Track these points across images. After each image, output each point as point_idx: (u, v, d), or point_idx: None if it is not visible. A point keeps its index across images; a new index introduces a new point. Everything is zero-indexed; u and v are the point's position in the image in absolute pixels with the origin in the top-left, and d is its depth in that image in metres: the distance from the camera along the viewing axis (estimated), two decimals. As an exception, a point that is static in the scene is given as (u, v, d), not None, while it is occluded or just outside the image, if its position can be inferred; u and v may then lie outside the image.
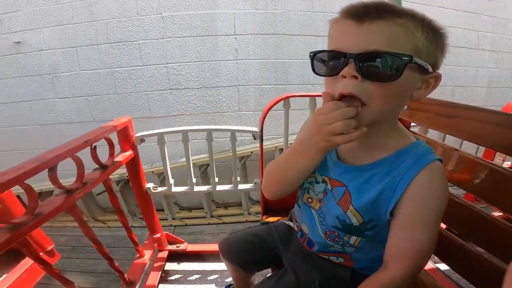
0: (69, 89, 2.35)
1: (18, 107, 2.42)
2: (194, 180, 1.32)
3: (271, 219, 1.12)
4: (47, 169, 0.74)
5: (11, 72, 2.34)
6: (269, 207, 1.25)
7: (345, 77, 0.46)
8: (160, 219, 1.40)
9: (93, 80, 2.31)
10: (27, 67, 2.32)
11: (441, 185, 0.51)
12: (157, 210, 1.41)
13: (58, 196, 0.81)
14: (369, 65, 0.44)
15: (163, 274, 1.35)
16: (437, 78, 0.50)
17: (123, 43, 2.21)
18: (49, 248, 1.34)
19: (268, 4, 2.20)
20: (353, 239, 0.59)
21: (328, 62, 0.50)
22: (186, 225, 2.27)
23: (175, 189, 1.34)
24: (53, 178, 0.77)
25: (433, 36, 0.47)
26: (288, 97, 1.25)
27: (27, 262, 1.20)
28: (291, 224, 0.79)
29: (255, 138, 1.21)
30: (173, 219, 2.36)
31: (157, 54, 2.23)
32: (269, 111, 1.18)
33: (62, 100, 2.38)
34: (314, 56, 0.51)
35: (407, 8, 0.48)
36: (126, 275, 1.10)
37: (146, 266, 1.25)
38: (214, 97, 2.33)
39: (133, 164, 1.22)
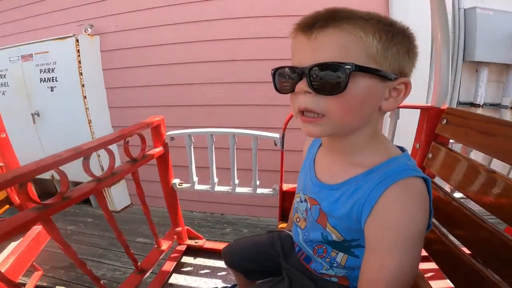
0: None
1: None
2: (215, 180, 1.36)
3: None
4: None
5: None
6: (285, 214, 1.23)
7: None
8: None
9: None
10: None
11: (413, 206, 0.43)
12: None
13: (89, 183, 0.91)
14: (319, 78, 0.41)
15: (177, 266, 1.41)
16: (407, 85, 0.45)
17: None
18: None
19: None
20: (340, 256, 0.55)
21: (287, 79, 0.48)
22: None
23: (198, 187, 1.40)
24: (86, 166, 0.87)
25: (391, 39, 0.42)
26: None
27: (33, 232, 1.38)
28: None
29: (276, 144, 1.19)
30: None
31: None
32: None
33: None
34: (274, 73, 0.50)
35: (362, 11, 0.43)
36: (139, 263, 1.19)
37: (162, 256, 1.32)
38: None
39: (163, 160, 1.31)
